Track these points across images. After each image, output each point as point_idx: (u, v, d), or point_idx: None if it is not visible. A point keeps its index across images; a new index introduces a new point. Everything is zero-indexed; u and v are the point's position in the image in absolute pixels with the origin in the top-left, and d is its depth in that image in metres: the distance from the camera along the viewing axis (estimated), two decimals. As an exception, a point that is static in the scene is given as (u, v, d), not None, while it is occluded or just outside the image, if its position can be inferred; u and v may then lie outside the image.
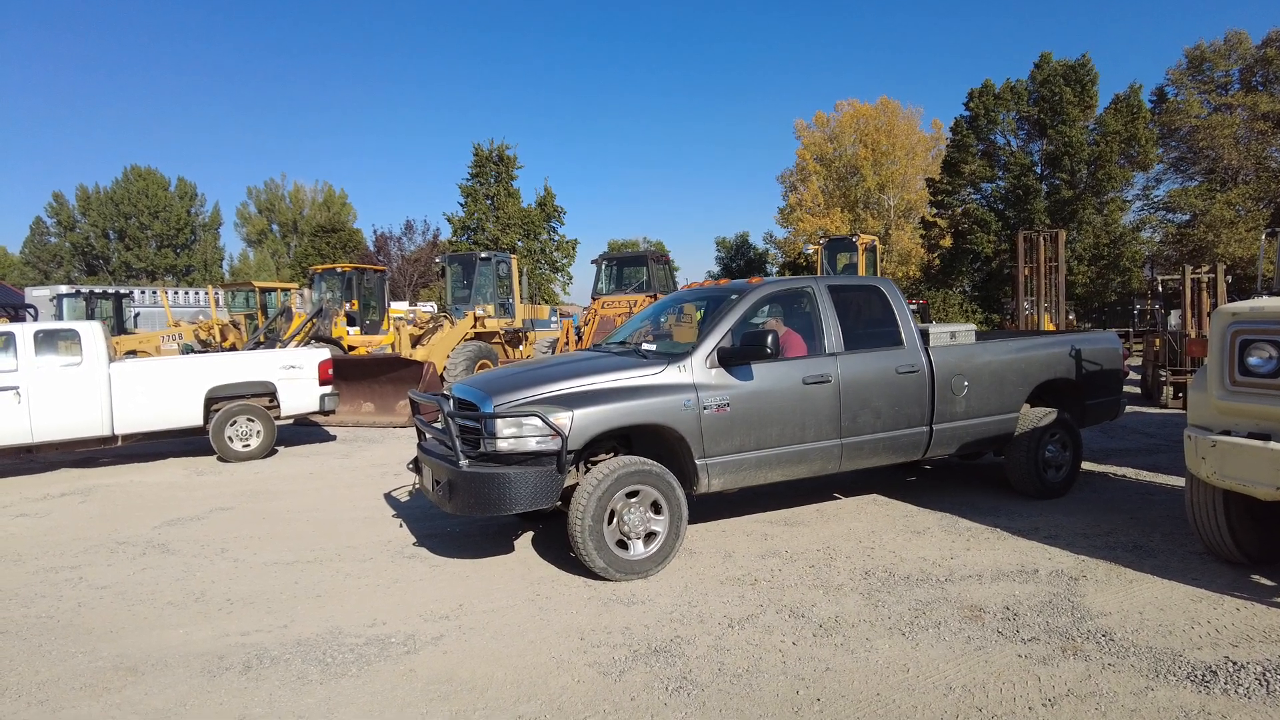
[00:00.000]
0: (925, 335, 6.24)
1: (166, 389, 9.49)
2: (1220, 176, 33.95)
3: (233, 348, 18.85)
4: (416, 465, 5.71)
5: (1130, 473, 7.53)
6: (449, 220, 45.02)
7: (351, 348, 15.83)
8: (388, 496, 7.47)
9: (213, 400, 9.76)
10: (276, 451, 10.34)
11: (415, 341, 15.56)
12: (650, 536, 4.93)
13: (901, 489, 7.07)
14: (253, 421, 9.95)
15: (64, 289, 25.25)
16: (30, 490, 8.38)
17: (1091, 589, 4.49)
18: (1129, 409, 12.24)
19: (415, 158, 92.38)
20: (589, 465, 5.12)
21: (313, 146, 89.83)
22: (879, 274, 20.89)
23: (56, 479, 9.03)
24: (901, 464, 6.74)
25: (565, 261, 47.80)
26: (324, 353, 10.61)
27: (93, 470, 9.52)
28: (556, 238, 47.25)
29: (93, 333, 9.18)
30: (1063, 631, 3.91)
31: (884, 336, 6.06)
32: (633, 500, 4.87)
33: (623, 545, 4.86)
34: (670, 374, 5.15)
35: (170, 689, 3.56)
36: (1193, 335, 12.09)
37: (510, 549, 5.64)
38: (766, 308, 6.13)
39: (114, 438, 9.25)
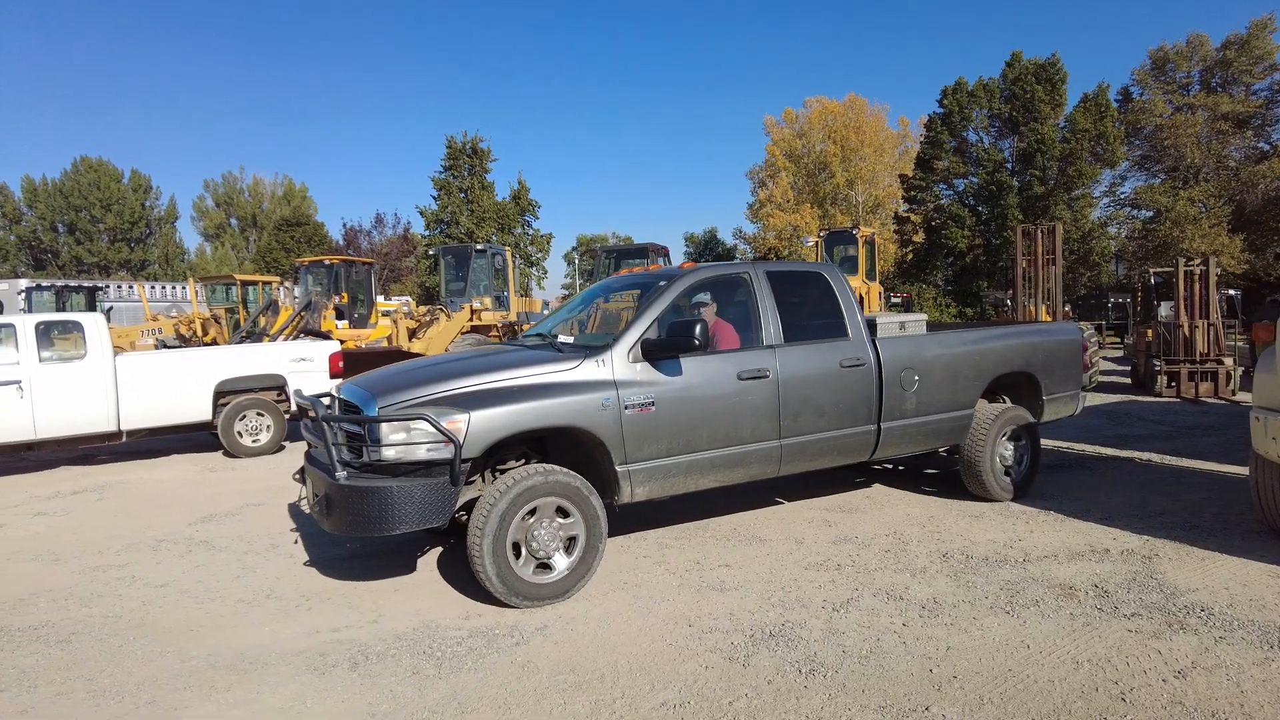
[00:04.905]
0: (873, 326, 5.71)
1: (174, 382, 9.15)
2: (1183, 175, 35.12)
3: (213, 342, 18.29)
4: (303, 476, 4.94)
5: (1155, 457, 7.73)
6: (422, 213, 44.27)
7: (341, 342, 15.49)
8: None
9: (221, 394, 9.47)
10: (284, 447, 10.07)
11: (412, 334, 15.31)
12: (564, 553, 4.34)
13: (938, 478, 7.14)
14: (262, 416, 9.67)
15: (25, 282, 24.19)
16: (37, 489, 8.02)
17: (1168, 567, 4.59)
18: (1126, 398, 12.62)
19: (380, 151, 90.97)
20: (496, 474, 4.53)
21: (273, 139, 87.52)
22: (878, 266, 21.01)
23: (60, 477, 8.66)
24: (848, 465, 6.00)
25: (540, 256, 47.47)
26: (334, 345, 10.37)
27: (95, 468, 9.15)
28: (531, 232, 46.86)
29: (96, 325, 8.82)
30: (1160, 608, 3.99)
31: (827, 328, 5.50)
32: (542, 516, 4.27)
33: (544, 567, 4.29)
34: (587, 369, 4.52)
35: (282, 686, 3.43)
36: (1185, 326, 12.50)
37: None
38: (697, 295, 5.36)
39: (119, 433, 8.90)
